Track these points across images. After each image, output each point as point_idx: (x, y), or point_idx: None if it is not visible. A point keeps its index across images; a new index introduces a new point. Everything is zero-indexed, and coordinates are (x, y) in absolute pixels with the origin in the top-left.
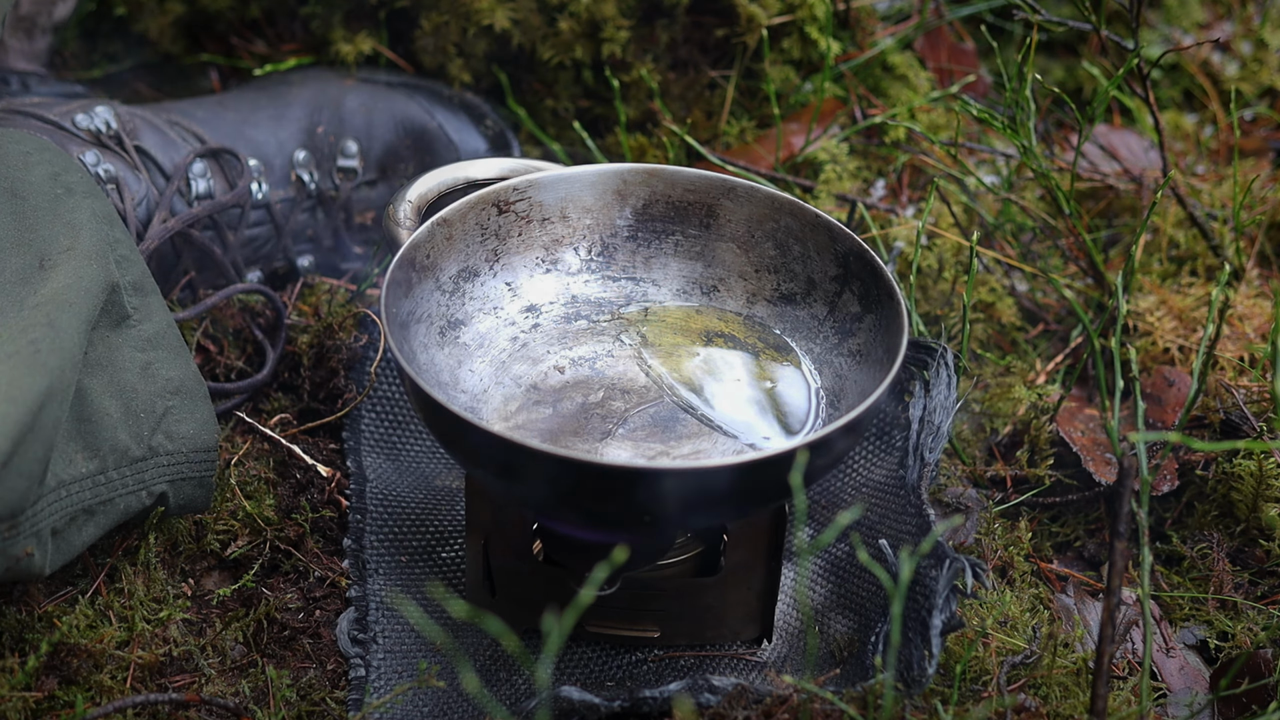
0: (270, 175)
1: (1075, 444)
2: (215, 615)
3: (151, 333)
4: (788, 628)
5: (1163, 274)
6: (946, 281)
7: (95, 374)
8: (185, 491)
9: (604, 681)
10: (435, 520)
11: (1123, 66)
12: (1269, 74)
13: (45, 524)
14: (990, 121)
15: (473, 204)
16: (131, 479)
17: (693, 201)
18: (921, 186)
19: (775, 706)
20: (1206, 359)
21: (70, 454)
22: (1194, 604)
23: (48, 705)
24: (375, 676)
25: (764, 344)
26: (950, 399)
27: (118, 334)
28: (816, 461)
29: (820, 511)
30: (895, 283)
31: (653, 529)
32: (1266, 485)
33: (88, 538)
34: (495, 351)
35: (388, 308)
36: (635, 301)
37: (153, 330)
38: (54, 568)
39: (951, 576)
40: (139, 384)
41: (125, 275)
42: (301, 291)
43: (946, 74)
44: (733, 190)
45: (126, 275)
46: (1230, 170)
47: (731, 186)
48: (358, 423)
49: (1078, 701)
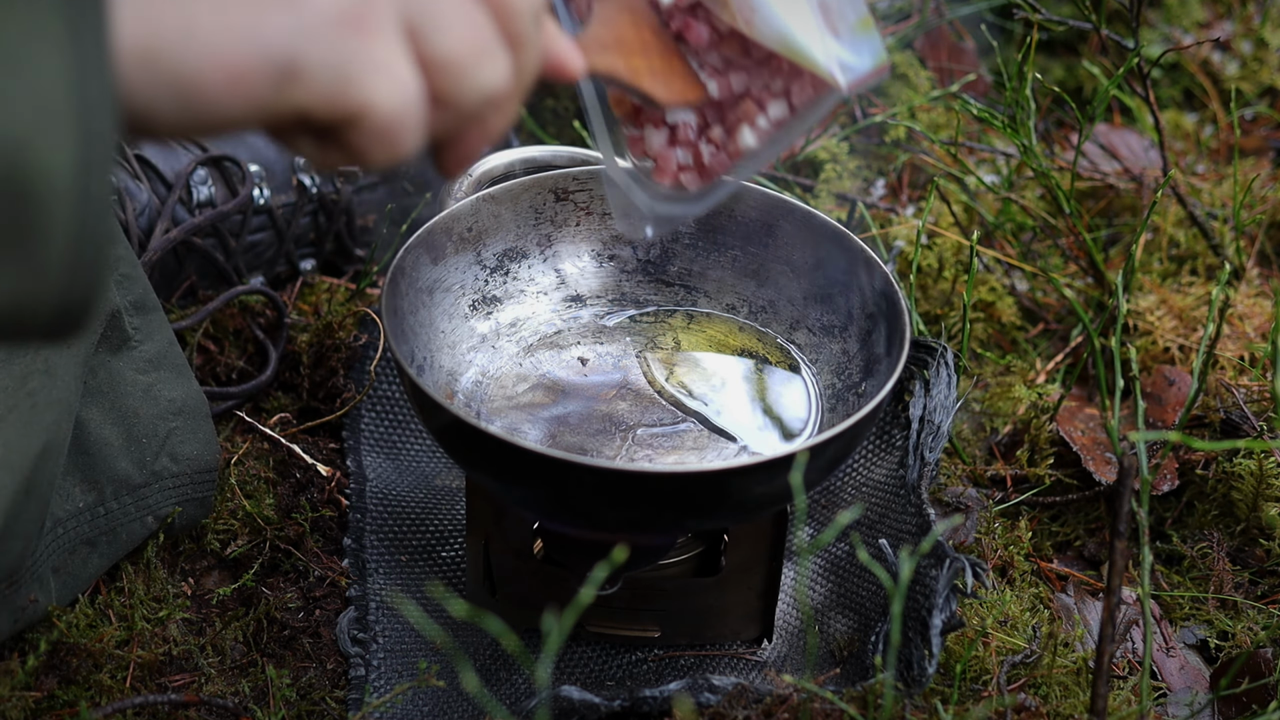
0: (272, 180)
1: (1075, 443)
2: (215, 615)
3: (153, 353)
4: (788, 627)
5: (1163, 273)
6: (946, 281)
7: (96, 403)
8: (189, 512)
9: (604, 681)
10: (435, 520)
11: (1123, 66)
12: (1269, 73)
13: (45, 565)
14: (990, 121)
15: (527, 186)
16: (132, 506)
17: (755, 219)
18: (921, 185)
19: (775, 706)
20: (1206, 358)
21: (68, 489)
22: (1194, 603)
23: (47, 705)
24: (375, 676)
25: (788, 368)
26: (950, 398)
27: (119, 358)
28: (816, 465)
29: (820, 511)
30: (908, 327)
31: (648, 532)
32: (1266, 485)
33: (94, 569)
34: (525, 333)
35: (407, 271)
36: (683, 308)
37: (154, 350)
38: (62, 603)
39: (951, 576)
40: (141, 407)
41: (126, 296)
42: (301, 290)
43: (946, 73)
44: (791, 213)
45: (127, 296)
46: (1230, 169)
47: (790, 209)
48: (357, 422)
49: (1078, 701)
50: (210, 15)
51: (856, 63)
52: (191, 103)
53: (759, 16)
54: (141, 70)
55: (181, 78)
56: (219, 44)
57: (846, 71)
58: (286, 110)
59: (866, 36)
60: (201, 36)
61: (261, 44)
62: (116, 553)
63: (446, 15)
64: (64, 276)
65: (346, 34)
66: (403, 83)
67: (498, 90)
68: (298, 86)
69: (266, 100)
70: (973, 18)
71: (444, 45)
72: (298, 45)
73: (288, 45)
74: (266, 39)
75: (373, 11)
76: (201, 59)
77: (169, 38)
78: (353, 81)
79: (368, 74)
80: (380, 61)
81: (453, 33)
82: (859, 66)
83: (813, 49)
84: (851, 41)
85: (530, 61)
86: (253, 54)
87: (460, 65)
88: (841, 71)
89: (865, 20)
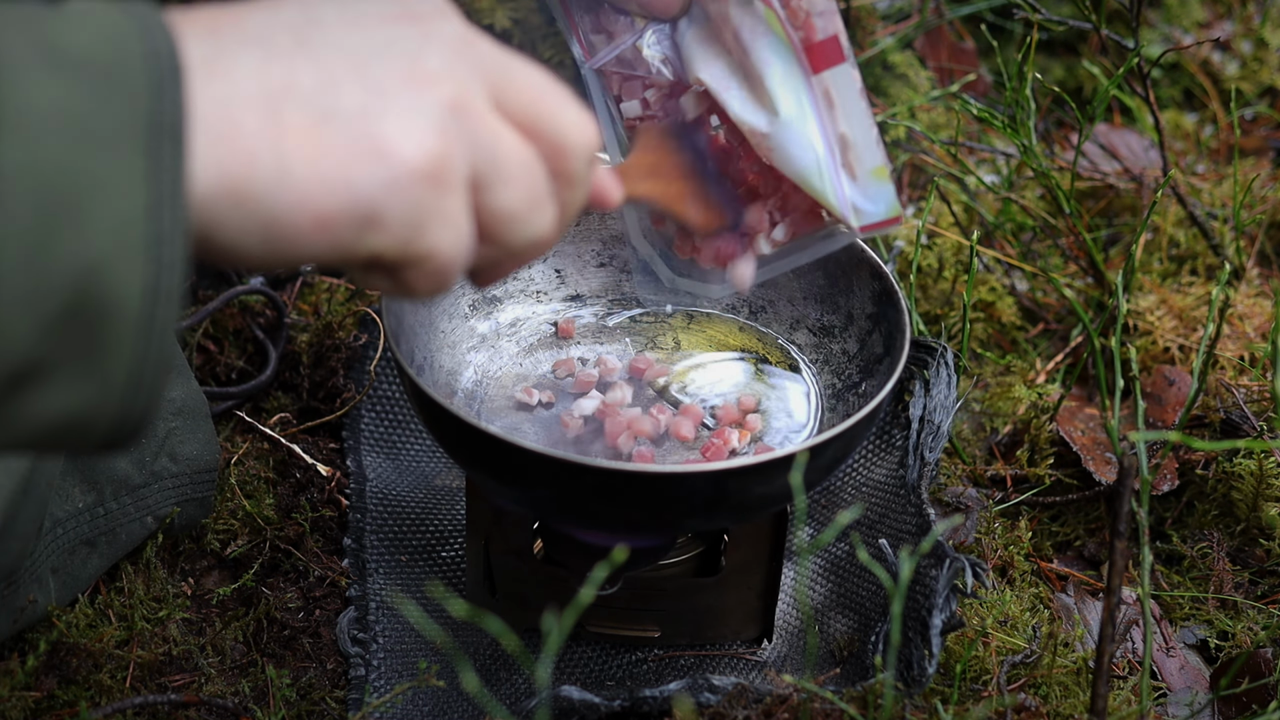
0: None
1: (1075, 443)
2: (215, 615)
3: None
4: (788, 627)
5: (1163, 273)
6: (946, 281)
7: None
8: (188, 512)
9: (604, 681)
10: (435, 520)
11: (1123, 66)
12: (1269, 73)
13: (44, 565)
14: (990, 120)
15: None
16: (132, 506)
17: None
18: (922, 185)
19: (775, 706)
20: (1207, 358)
21: (67, 489)
22: (1194, 603)
23: (47, 705)
24: (375, 676)
25: (789, 369)
26: (950, 398)
27: None
28: (816, 465)
29: (820, 511)
30: (908, 327)
31: (648, 532)
32: (1266, 484)
33: (93, 569)
34: (525, 333)
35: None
36: (682, 308)
37: None
38: (62, 603)
39: (951, 576)
40: None
41: None
42: (301, 290)
43: (946, 73)
44: None
45: None
46: (1230, 169)
47: None
48: (357, 422)
49: (1078, 701)
50: (304, 163)
51: (871, 208)
52: (277, 242)
53: (777, 156)
54: (231, 208)
55: (270, 219)
56: (310, 190)
57: (860, 216)
58: (363, 253)
59: (880, 185)
60: (294, 182)
61: (351, 194)
62: (116, 553)
63: (510, 169)
64: (126, 395)
65: (427, 188)
66: (463, 233)
67: (543, 236)
68: (377, 234)
69: (347, 244)
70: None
71: (504, 199)
72: (382, 198)
73: (374, 197)
74: (356, 189)
75: (452, 167)
76: (292, 203)
77: (263, 180)
78: (426, 232)
79: (438, 225)
80: (449, 213)
81: (512, 187)
82: (873, 212)
83: (827, 190)
84: (865, 188)
85: (578, 200)
86: (342, 202)
87: (515, 218)
88: (855, 215)
89: (880, 169)
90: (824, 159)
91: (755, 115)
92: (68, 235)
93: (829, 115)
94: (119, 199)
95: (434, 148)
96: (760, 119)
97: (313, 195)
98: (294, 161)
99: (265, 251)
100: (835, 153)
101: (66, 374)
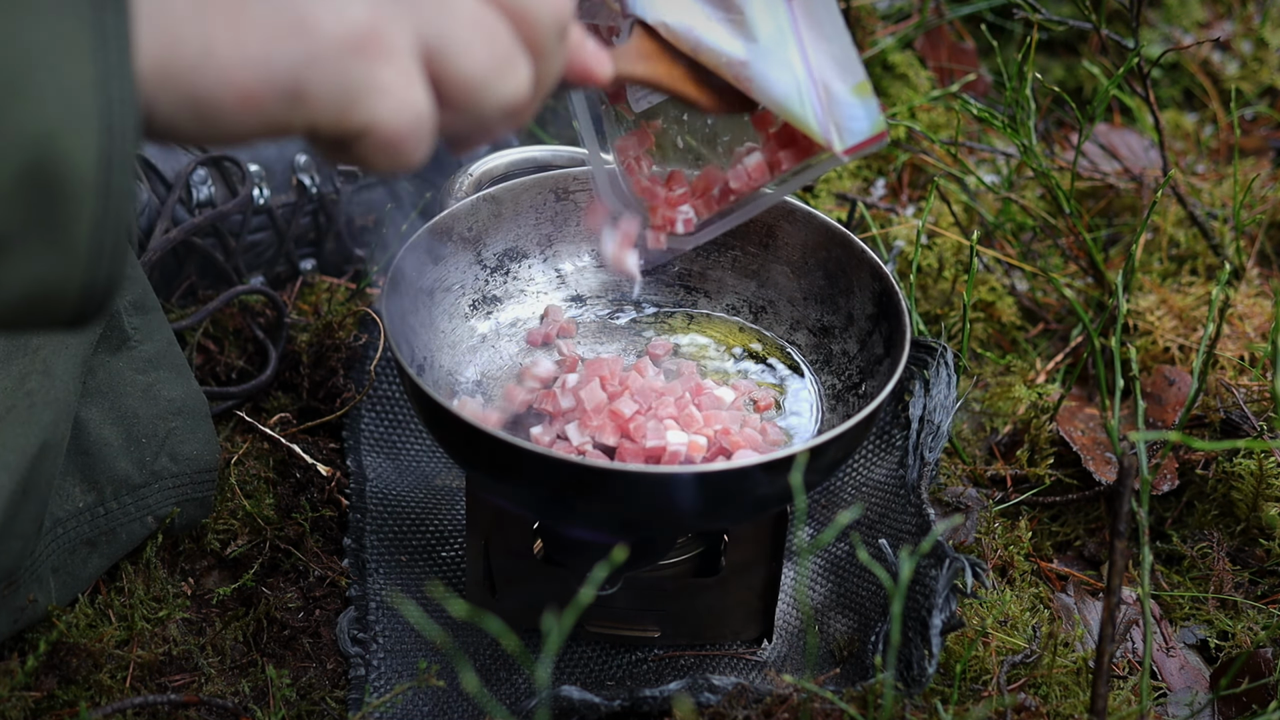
0: (271, 180)
1: (1075, 443)
2: (215, 615)
3: (153, 353)
4: (788, 627)
5: (1163, 273)
6: (946, 280)
7: (95, 403)
8: (188, 512)
9: (604, 681)
10: (435, 520)
11: (1123, 65)
12: (1269, 73)
13: (44, 565)
14: (990, 120)
15: (528, 186)
16: (132, 506)
17: (756, 220)
18: (922, 185)
19: (775, 706)
20: (1206, 358)
21: (68, 489)
22: (1194, 603)
23: (47, 705)
24: (375, 676)
25: (789, 369)
26: (950, 398)
27: (118, 358)
28: (817, 466)
29: (820, 511)
30: (908, 327)
31: (648, 532)
32: (1266, 484)
33: (94, 569)
34: (526, 332)
35: (407, 271)
36: (683, 308)
37: (154, 350)
38: (62, 602)
39: (951, 576)
40: (141, 408)
41: (125, 296)
42: (301, 290)
43: (946, 73)
44: (791, 214)
45: (127, 296)
46: (1230, 169)
47: (791, 210)
48: (357, 422)
49: (1078, 701)
50: (226, 42)
51: (855, 127)
52: (208, 119)
53: (755, 86)
54: (162, 86)
55: (198, 97)
56: (231, 69)
57: (844, 136)
58: (296, 127)
59: (864, 101)
60: (216, 61)
61: (270, 70)
62: (116, 553)
63: (465, 36)
64: (89, 262)
65: (353, 59)
66: (408, 103)
67: (516, 102)
68: (305, 107)
69: (277, 118)
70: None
71: (462, 66)
72: (303, 72)
73: (294, 72)
74: (274, 66)
75: (381, 37)
76: (215, 81)
77: (187, 59)
78: (359, 104)
79: (372, 96)
80: (386, 84)
81: (471, 53)
82: (857, 130)
83: (808, 115)
84: (848, 106)
85: (551, 71)
86: (263, 79)
87: (479, 83)
88: (838, 137)
89: (863, 85)
90: (804, 82)
91: (732, 43)
92: (17, 105)
93: (810, 35)
94: (68, 69)
95: (358, 18)
96: (738, 46)
97: (235, 74)
98: (218, 42)
99: (200, 129)
100: (815, 76)
101: (30, 245)
